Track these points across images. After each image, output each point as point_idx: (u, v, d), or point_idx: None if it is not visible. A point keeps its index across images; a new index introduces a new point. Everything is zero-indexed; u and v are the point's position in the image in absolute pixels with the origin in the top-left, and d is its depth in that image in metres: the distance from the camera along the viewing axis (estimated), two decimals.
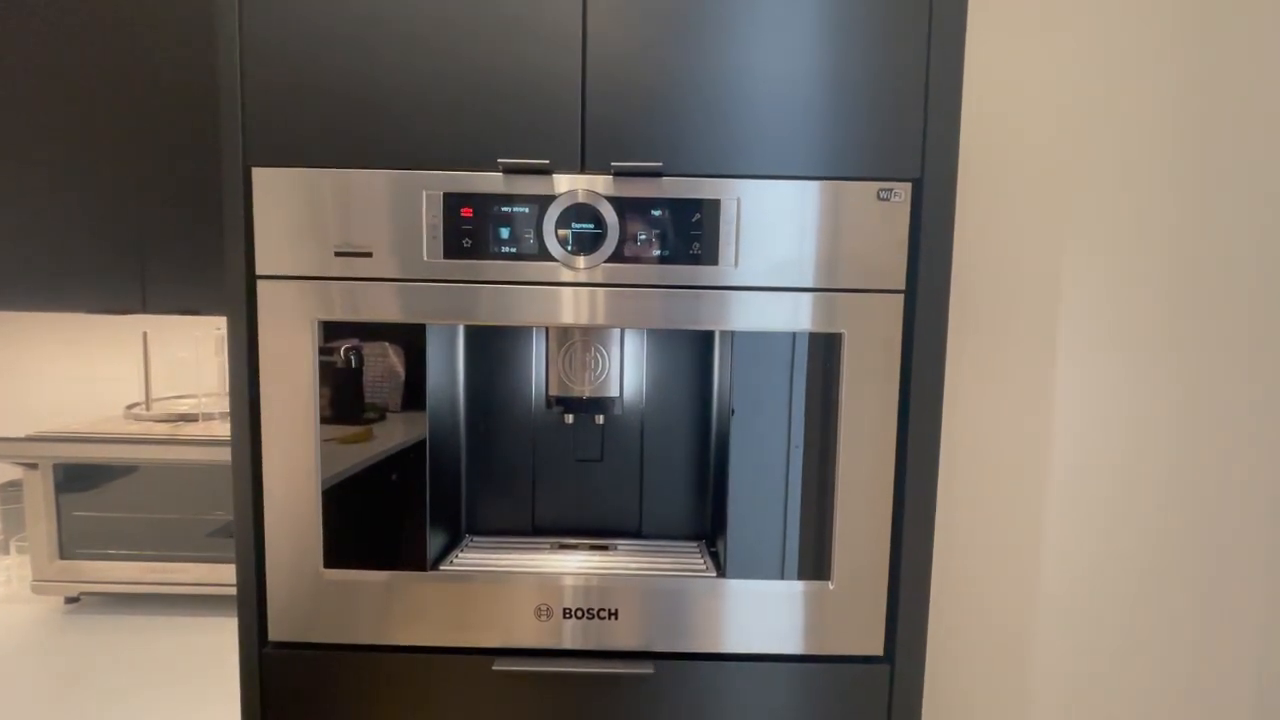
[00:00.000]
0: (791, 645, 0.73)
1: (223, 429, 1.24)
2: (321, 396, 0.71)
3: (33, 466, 1.14)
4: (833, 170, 0.69)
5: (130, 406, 1.32)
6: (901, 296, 0.70)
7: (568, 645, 0.73)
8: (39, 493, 1.14)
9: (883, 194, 0.69)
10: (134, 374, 1.36)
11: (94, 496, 1.19)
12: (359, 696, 0.74)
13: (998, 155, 0.63)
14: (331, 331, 0.71)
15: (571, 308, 0.70)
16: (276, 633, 0.73)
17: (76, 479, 1.18)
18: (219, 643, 1.07)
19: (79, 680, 0.97)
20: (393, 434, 0.73)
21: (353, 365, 0.72)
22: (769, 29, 0.67)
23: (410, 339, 0.72)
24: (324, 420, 0.71)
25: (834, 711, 0.73)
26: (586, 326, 0.75)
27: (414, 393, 0.73)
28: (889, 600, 0.73)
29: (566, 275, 0.69)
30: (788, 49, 0.68)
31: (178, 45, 1.05)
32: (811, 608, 0.73)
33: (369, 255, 0.69)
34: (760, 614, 0.73)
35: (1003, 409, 0.64)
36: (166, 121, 1.06)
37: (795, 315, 0.70)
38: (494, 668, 0.72)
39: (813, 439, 0.72)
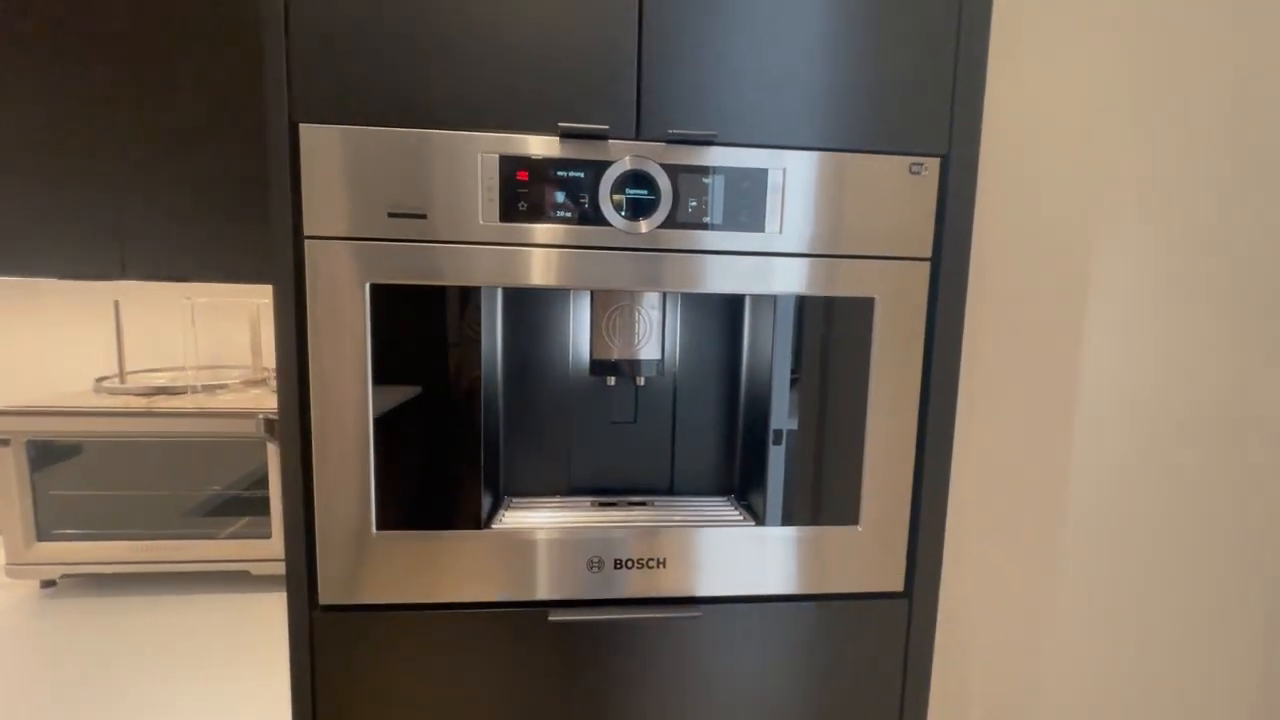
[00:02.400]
0: (824, 585, 0.80)
1: (208, 401, 1.19)
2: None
3: (4, 443, 1.06)
4: (870, 144, 0.74)
5: (101, 379, 1.24)
6: (928, 264, 0.76)
7: (620, 594, 0.77)
8: (11, 471, 1.07)
9: (914, 168, 0.74)
10: (97, 346, 1.27)
11: (69, 474, 1.12)
12: (414, 656, 0.75)
13: (1028, 126, 0.69)
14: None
15: (627, 271, 0.72)
16: (327, 596, 0.74)
17: (47, 456, 1.11)
18: (213, 621, 1.05)
19: (65, 668, 0.93)
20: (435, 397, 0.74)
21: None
22: (818, 10, 0.71)
23: (446, 301, 0.72)
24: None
25: (861, 641, 0.81)
26: (640, 290, 0.77)
27: (442, 356, 0.73)
28: (909, 542, 0.81)
29: (623, 240, 0.71)
30: (833, 30, 0.71)
31: None
32: (841, 550, 0.80)
33: (423, 217, 0.69)
34: (796, 557, 0.79)
35: (1024, 370, 0.71)
36: (147, 69, 0.99)
37: (832, 280, 0.75)
38: (551, 619, 0.75)
39: (844, 396, 0.78)
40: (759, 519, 0.81)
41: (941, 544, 0.81)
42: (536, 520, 0.79)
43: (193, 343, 1.31)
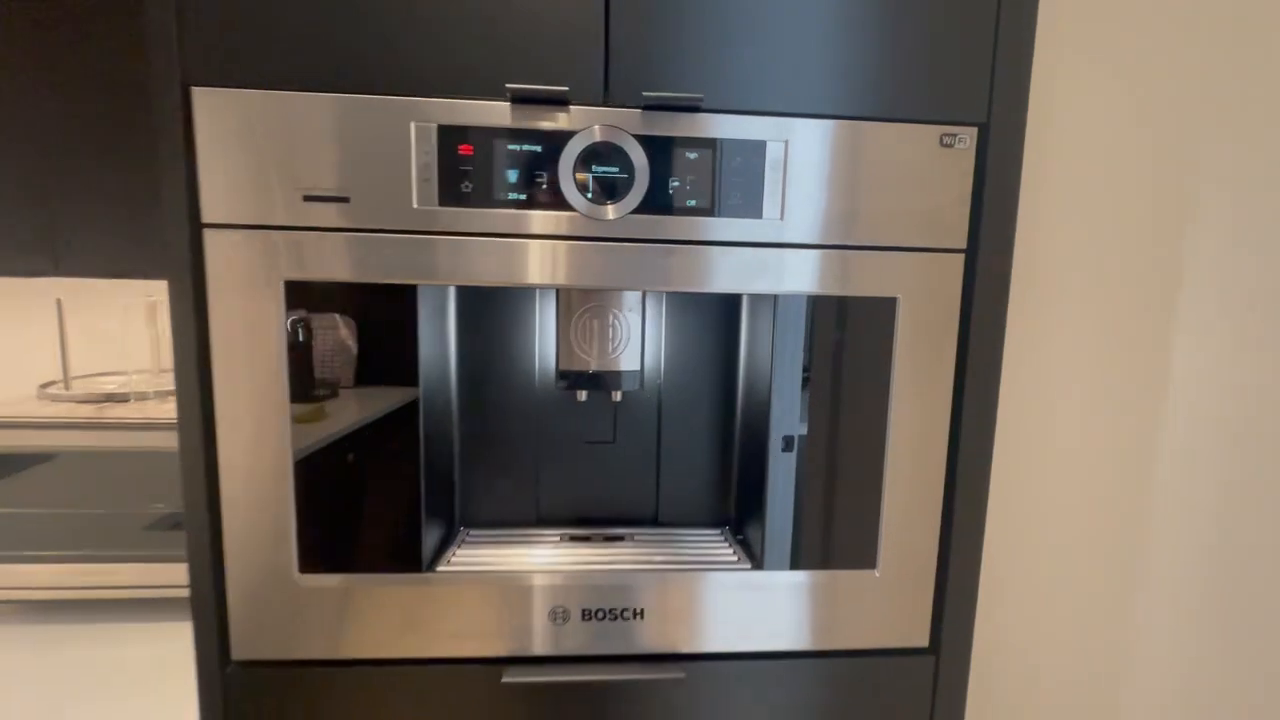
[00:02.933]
0: (834, 639, 0.67)
1: (159, 410, 1.09)
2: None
3: None
4: (892, 111, 0.60)
5: (45, 385, 1.15)
6: (962, 256, 0.63)
7: (588, 650, 0.65)
8: None
9: (946, 139, 0.61)
10: (45, 349, 1.17)
11: (4, 490, 1.02)
12: (343, 718, 0.63)
13: (1090, 94, 0.56)
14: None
15: (594, 266, 0.60)
16: (241, 650, 0.62)
17: None
18: (159, 653, 0.95)
19: (6, 701, 0.83)
20: (349, 414, 0.62)
21: (300, 338, 0.60)
22: None
23: (373, 303, 0.61)
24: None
25: (875, 705, 0.68)
26: (608, 289, 0.65)
27: (372, 366, 0.62)
28: (936, 589, 0.68)
29: (588, 228, 0.59)
30: None
31: None
32: (855, 598, 0.67)
33: (346, 200, 0.57)
34: (800, 606, 0.67)
35: (1084, 386, 0.57)
36: (79, 44, 0.89)
37: (845, 276, 0.62)
38: (504, 680, 0.63)
39: (859, 417, 0.65)
40: (757, 560, 0.68)
41: (975, 592, 0.68)
42: (491, 560, 0.67)
43: (148, 345, 1.21)
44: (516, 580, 0.64)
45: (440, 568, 0.65)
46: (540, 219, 0.59)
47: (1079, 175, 0.59)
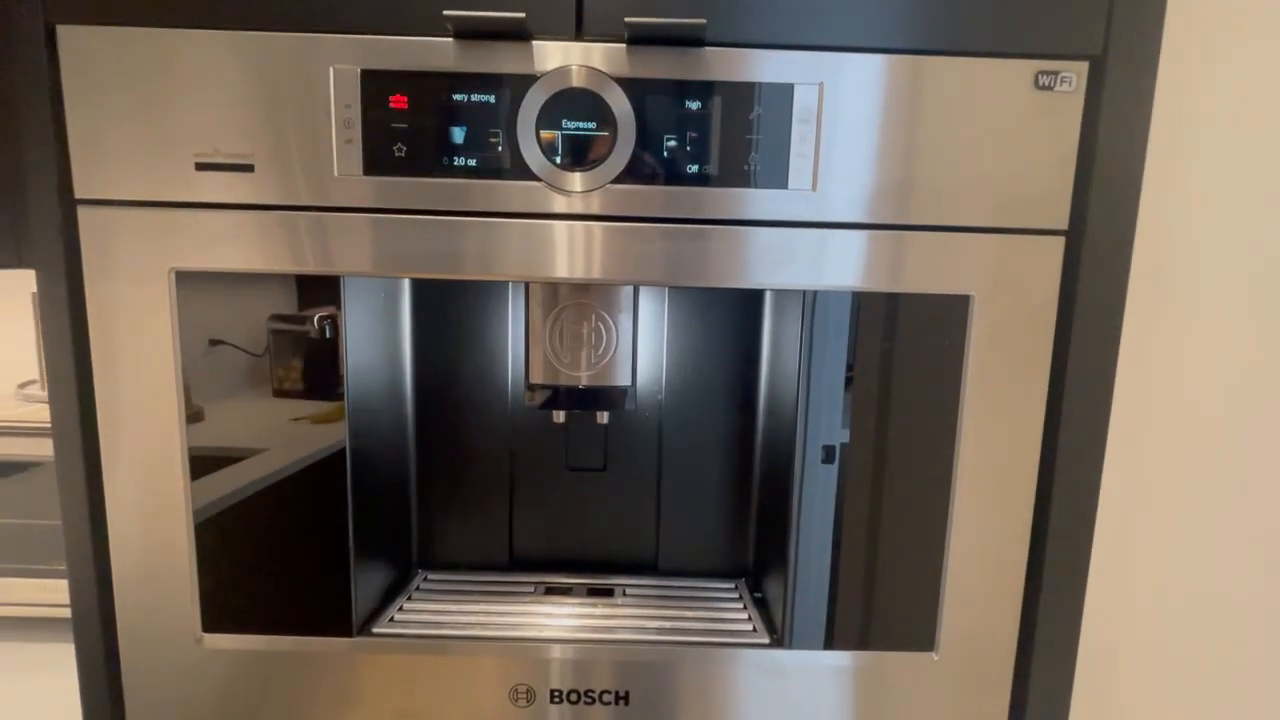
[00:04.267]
0: None
1: None
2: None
3: None
4: (965, 42, 0.44)
5: (23, 385, 1.09)
6: (1062, 240, 0.47)
7: None
8: None
9: (1043, 79, 0.45)
10: (24, 346, 1.12)
11: None
12: None
13: (1239, 21, 0.39)
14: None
15: (562, 253, 0.46)
16: None
17: None
18: None
19: None
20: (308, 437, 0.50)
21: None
22: None
23: (303, 290, 0.48)
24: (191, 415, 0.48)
25: None
26: (583, 282, 0.51)
27: (294, 373, 0.49)
28: (1016, 679, 0.51)
29: (556, 202, 0.45)
30: None
31: None
32: (907, 689, 0.51)
33: (249, 169, 0.45)
34: (837, 697, 0.51)
35: (1214, 415, 0.41)
36: None
37: (901, 266, 0.47)
38: None
39: (918, 449, 0.49)
40: (778, 630, 0.53)
41: (1070, 684, 0.51)
42: (443, 618, 0.54)
43: None
44: (470, 649, 0.51)
45: (378, 627, 0.52)
46: (495, 191, 0.45)
47: (1233, 132, 0.42)
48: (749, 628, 0.54)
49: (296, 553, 0.51)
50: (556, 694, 0.51)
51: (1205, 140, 0.43)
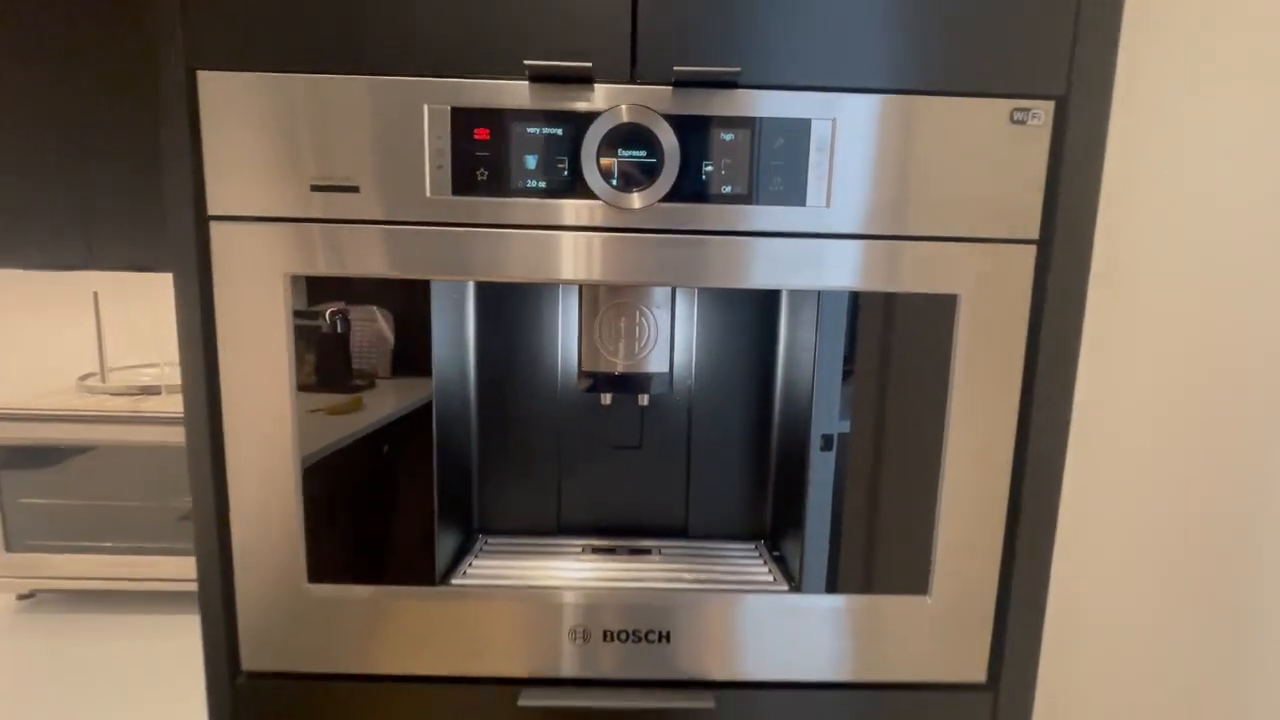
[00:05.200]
0: (879, 671, 0.61)
1: None
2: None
3: None
4: (954, 83, 0.53)
5: (84, 377, 1.16)
6: (1034, 248, 0.56)
7: (611, 674, 0.60)
8: None
9: (1017, 115, 0.54)
10: (82, 341, 1.19)
11: (43, 481, 1.04)
12: None
13: (1191, 59, 0.48)
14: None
15: (618, 260, 0.55)
16: (251, 661, 0.60)
17: (21, 461, 1.03)
18: (193, 647, 0.96)
19: (37, 687, 0.84)
20: (383, 412, 0.59)
21: (338, 329, 0.57)
22: None
23: (404, 299, 0.57)
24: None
25: None
26: (635, 284, 0.60)
27: (409, 358, 0.58)
28: (997, 618, 0.61)
29: (613, 218, 0.54)
30: None
31: None
32: (904, 627, 0.61)
33: (355, 190, 0.54)
34: (843, 634, 0.61)
35: (1163, 398, 0.50)
36: (107, 53, 0.89)
37: (899, 271, 0.56)
38: (520, 703, 0.59)
39: (913, 426, 0.59)
40: (795, 580, 0.62)
41: (1041, 622, 0.61)
42: (509, 572, 0.63)
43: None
44: (535, 596, 0.60)
45: (455, 580, 0.61)
46: (561, 209, 0.54)
47: (1175, 157, 0.51)
48: (769, 578, 0.64)
49: (387, 517, 0.60)
50: (608, 633, 0.60)
51: (1149, 163, 0.52)
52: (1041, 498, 0.59)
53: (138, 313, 1.24)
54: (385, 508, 0.60)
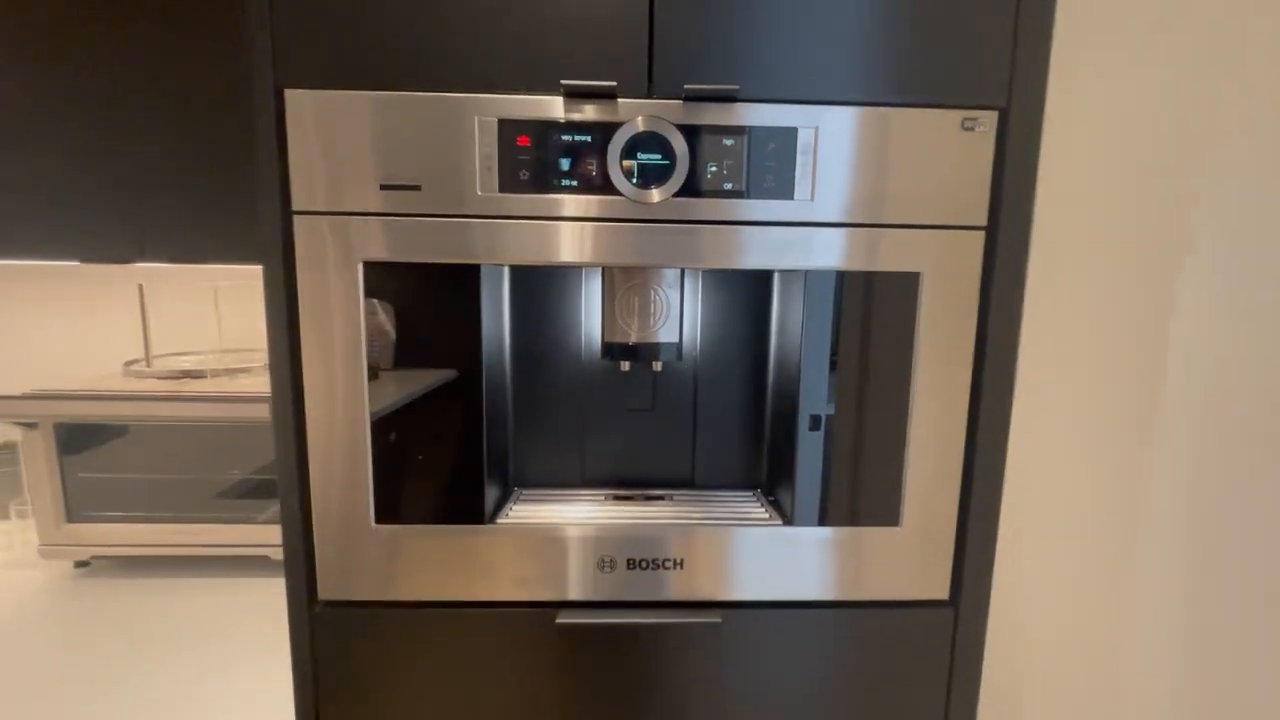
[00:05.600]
0: (859, 590, 0.73)
1: (231, 385, 1.18)
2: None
3: (32, 426, 1.07)
4: (915, 97, 0.65)
5: (129, 363, 1.25)
6: (983, 234, 0.67)
7: (633, 596, 0.71)
8: (40, 454, 1.08)
9: (967, 123, 0.65)
10: (125, 330, 1.28)
11: (96, 457, 1.13)
12: (416, 654, 0.71)
13: (1107, 72, 0.59)
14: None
15: (639, 246, 0.65)
16: (327, 592, 0.70)
17: (75, 439, 1.12)
18: (239, 604, 1.05)
19: (102, 644, 0.93)
20: (388, 397, 0.69)
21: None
22: None
23: (445, 279, 0.67)
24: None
25: (900, 653, 0.73)
26: (653, 265, 0.71)
27: (412, 350, 0.68)
28: (957, 545, 0.72)
29: (633, 210, 0.65)
30: None
31: None
32: (880, 553, 0.72)
33: (418, 189, 0.64)
34: (829, 560, 0.72)
35: (1096, 354, 0.61)
36: (165, 59, 0.97)
37: (872, 253, 0.67)
38: (558, 621, 0.70)
39: (885, 383, 0.70)
40: (788, 517, 0.74)
41: (994, 547, 0.73)
42: (544, 515, 0.74)
43: (216, 326, 1.31)
44: (568, 532, 0.71)
45: (500, 520, 0.72)
46: (590, 203, 0.64)
47: (1093, 157, 0.62)
48: (766, 516, 0.75)
49: (444, 467, 0.70)
50: (631, 562, 0.71)
51: (1076, 163, 0.64)
52: (992, 443, 0.71)
53: (171, 306, 1.33)
54: (439, 460, 0.70)
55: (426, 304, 0.68)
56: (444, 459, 0.70)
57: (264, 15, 0.61)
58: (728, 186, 0.65)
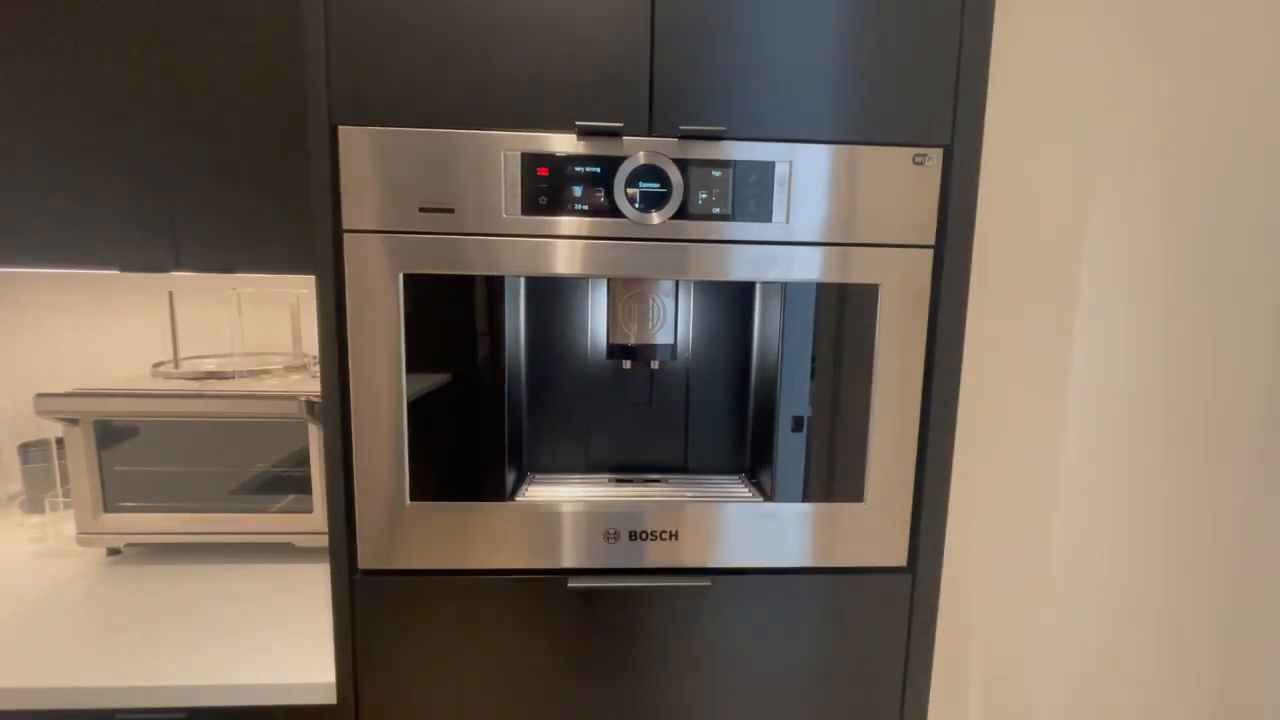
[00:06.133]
0: (830, 558, 0.84)
1: (253, 385, 1.27)
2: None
3: (74, 422, 1.16)
4: (875, 136, 0.76)
5: (157, 365, 1.33)
6: (931, 251, 0.79)
7: (635, 564, 0.82)
8: (80, 448, 1.17)
9: (918, 159, 0.77)
10: (153, 334, 1.37)
11: (131, 451, 1.21)
12: (444, 617, 0.81)
13: (1029, 117, 0.71)
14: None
15: (641, 260, 0.76)
16: (366, 561, 0.80)
17: (109, 435, 1.20)
18: (261, 587, 1.14)
19: (131, 625, 1.01)
20: (422, 389, 0.79)
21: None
22: (824, 8, 0.74)
23: (473, 289, 0.78)
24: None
25: (866, 614, 0.85)
26: (654, 278, 0.82)
27: (470, 340, 0.79)
28: (913, 518, 0.84)
29: (637, 230, 0.76)
30: (839, 28, 0.74)
31: (217, 6, 1.05)
32: (847, 525, 0.83)
33: (451, 211, 0.74)
34: (803, 531, 0.83)
35: (1023, 354, 0.73)
36: (201, 77, 1.06)
37: (839, 267, 0.79)
38: (570, 585, 0.80)
39: (850, 379, 0.81)
40: (768, 495, 0.85)
41: (945, 520, 0.84)
42: (557, 494, 0.84)
43: (239, 331, 1.40)
44: (578, 509, 0.81)
45: (519, 498, 0.83)
46: (598, 224, 0.75)
47: (1018, 185, 0.75)
48: (750, 494, 0.86)
49: (469, 452, 0.81)
50: (633, 534, 0.82)
51: (1010, 192, 0.76)
52: (942, 431, 0.82)
53: (193, 311, 1.41)
54: (467, 447, 0.81)
55: (458, 310, 0.79)
56: (469, 445, 0.81)
57: (321, 63, 0.71)
58: (716, 211, 0.76)
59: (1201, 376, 0.73)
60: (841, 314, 0.80)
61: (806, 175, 0.76)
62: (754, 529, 0.83)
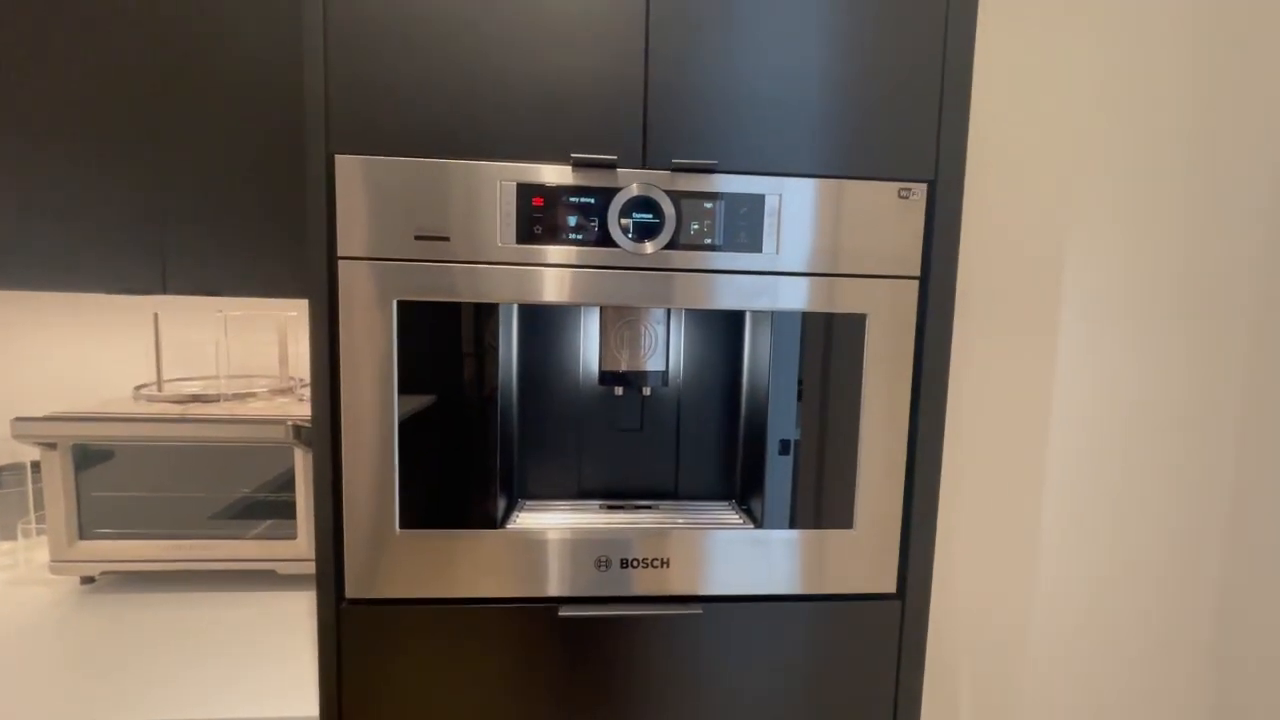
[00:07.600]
0: (820, 585, 0.84)
1: (238, 409, 1.26)
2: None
3: (51, 446, 1.13)
4: (862, 171, 0.79)
5: (140, 387, 1.31)
6: (917, 282, 0.81)
7: (626, 592, 0.82)
8: (57, 473, 1.14)
9: (903, 193, 0.79)
10: (136, 356, 1.35)
11: (109, 476, 1.19)
12: (432, 646, 0.80)
13: (1009, 151, 0.74)
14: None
15: (634, 289, 0.78)
16: (354, 590, 0.79)
17: (91, 459, 1.18)
18: (241, 616, 1.11)
19: (104, 655, 0.98)
20: (413, 415, 0.79)
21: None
22: (813, 47, 0.76)
23: (466, 317, 0.78)
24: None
25: (856, 640, 0.85)
26: (646, 306, 0.83)
27: (462, 367, 0.79)
28: (902, 545, 0.85)
29: (630, 260, 0.77)
30: (827, 66, 0.77)
31: (209, 27, 1.06)
32: (837, 552, 0.84)
33: (446, 239, 0.75)
34: (794, 559, 0.84)
35: (1006, 381, 0.75)
36: (192, 99, 1.07)
37: (827, 297, 0.80)
38: (560, 614, 0.80)
39: (839, 407, 0.83)
40: (758, 522, 0.85)
41: (933, 547, 0.85)
42: (548, 521, 0.84)
43: (224, 353, 1.38)
44: (570, 537, 0.81)
45: (509, 526, 0.82)
46: (592, 253, 0.77)
47: (1001, 216, 0.77)
48: (740, 521, 0.86)
49: (460, 480, 0.80)
50: (624, 561, 0.81)
51: (993, 223, 0.79)
52: (928, 458, 0.84)
53: (177, 333, 1.40)
54: (457, 474, 0.80)
55: (451, 336, 0.79)
56: (460, 473, 0.80)
57: (319, 95, 0.72)
58: (707, 241, 0.78)
59: (1181, 402, 0.76)
60: (830, 343, 0.82)
61: (796, 208, 0.78)
62: (745, 556, 0.83)
